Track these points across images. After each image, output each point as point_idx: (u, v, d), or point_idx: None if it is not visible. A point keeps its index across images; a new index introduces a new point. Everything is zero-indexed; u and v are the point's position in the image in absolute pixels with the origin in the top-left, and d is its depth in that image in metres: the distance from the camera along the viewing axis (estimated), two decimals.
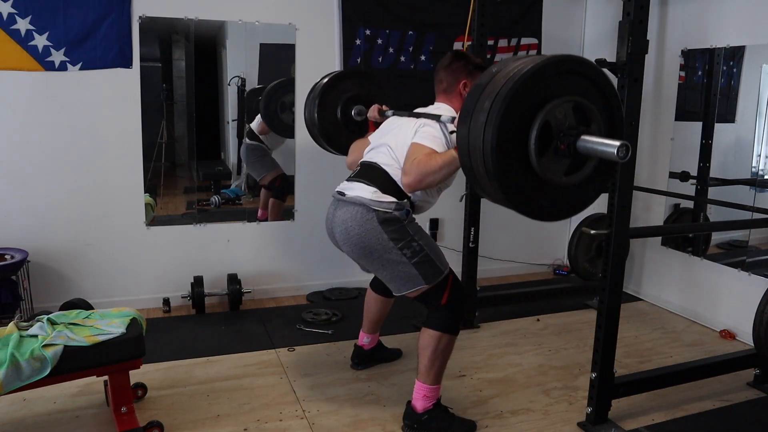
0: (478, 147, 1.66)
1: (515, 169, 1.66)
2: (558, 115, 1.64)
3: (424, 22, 4.10)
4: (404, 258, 2.31)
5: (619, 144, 1.57)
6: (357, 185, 2.39)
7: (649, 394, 2.73)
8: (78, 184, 3.53)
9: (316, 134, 3.10)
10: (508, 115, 1.59)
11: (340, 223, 2.37)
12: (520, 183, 1.68)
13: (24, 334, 2.17)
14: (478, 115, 1.65)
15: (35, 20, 3.26)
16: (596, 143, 1.63)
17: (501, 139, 1.60)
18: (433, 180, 2.22)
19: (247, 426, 2.48)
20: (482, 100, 1.65)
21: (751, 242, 3.69)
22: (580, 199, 1.81)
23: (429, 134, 2.29)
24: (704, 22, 3.63)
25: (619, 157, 1.58)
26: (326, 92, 3.01)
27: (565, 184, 1.72)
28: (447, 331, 2.36)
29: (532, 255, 4.75)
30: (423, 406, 2.41)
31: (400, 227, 2.32)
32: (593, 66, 1.72)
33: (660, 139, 3.98)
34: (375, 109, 2.81)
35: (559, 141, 1.65)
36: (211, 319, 3.66)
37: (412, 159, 2.24)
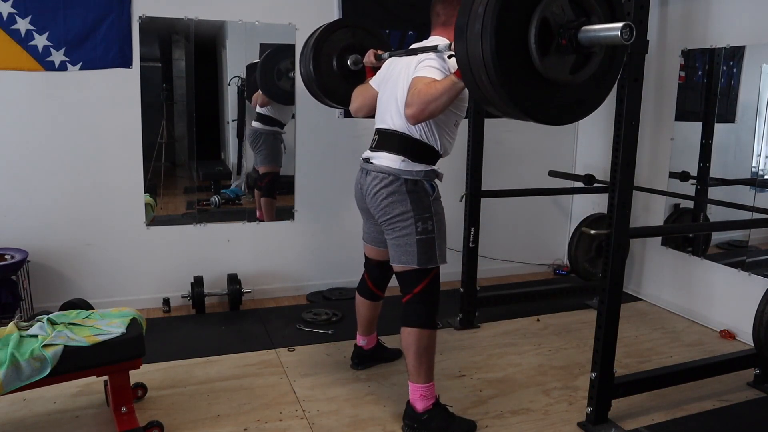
0: (478, 58, 1.61)
1: (519, 74, 1.61)
2: (555, 9, 1.59)
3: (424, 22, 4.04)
4: (413, 230, 2.35)
5: (622, 25, 1.53)
6: (383, 155, 2.41)
7: (649, 394, 2.73)
8: (78, 184, 3.53)
9: (315, 90, 3.03)
10: (503, 17, 1.55)
11: (371, 188, 2.43)
12: (526, 87, 1.63)
13: (24, 334, 2.17)
14: (474, 25, 1.60)
15: (35, 20, 3.26)
16: (598, 30, 1.58)
17: (500, 44, 1.56)
18: (435, 107, 2.16)
19: (247, 426, 2.48)
20: (474, 8, 1.60)
21: (751, 242, 3.69)
22: (591, 97, 1.77)
23: (428, 65, 2.27)
24: (704, 22, 3.63)
25: (623, 39, 1.53)
26: (319, 45, 2.93)
27: (573, 82, 1.67)
28: (425, 326, 2.38)
29: (532, 255, 4.75)
30: (423, 405, 2.41)
31: (426, 199, 2.37)
32: None
33: (660, 139, 3.98)
34: (371, 54, 2.75)
35: (560, 36, 1.61)
36: (211, 319, 3.66)
37: (413, 90, 2.21)
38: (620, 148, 2.29)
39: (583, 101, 1.77)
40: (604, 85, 1.78)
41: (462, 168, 3.50)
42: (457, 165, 3.45)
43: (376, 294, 2.86)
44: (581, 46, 1.62)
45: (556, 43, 1.61)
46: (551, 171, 4.24)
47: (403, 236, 2.38)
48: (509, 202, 4.32)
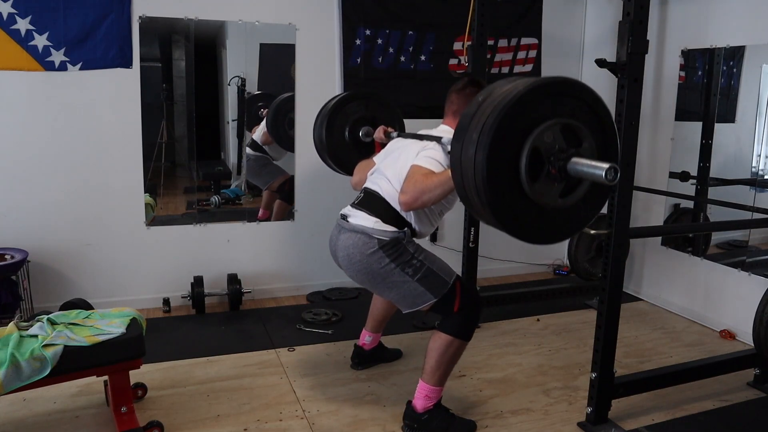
0: (470, 175, 1.67)
1: (508, 196, 1.67)
2: (546, 139, 1.64)
3: (424, 22, 4.10)
4: (407, 277, 2.34)
5: (608, 167, 1.58)
6: (360, 214, 2.44)
7: (649, 394, 2.73)
8: (78, 184, 3.53)
9: (325, 156, 3.18)
10: (496, 147, 1.60)
11: (342, 249, 2.43)
12: (513, 209, 1.70)
13: (24, 334, 2.17)
14: (468, 148, 1.66)
15: (35, 20, 3.26)
16: (585, 165, 1.63)
17: (491, 171, 1.61)
18: (429, 198, 2.25)
19: (247, 426, 2.48)
20: (470, 131, 1.66)
21: (751, 242, 3.69)
22: (575, 221, 1.82)
23: (429, 156, 2.33)
24: (704, 22, 3.63)
25: (607, 180, 1.59)
26: (334, 115, 3.09)
27: (560, 206, 1.73)
28: (459, 337, 2.37)
29: (532, 255, 4.75)
30: (423, 405, 2.41)
31: (400, 248, 2.36)
32: (578, 85, 1.72)
33: (660, 139, 3.98)
34: (381, 131, 2.87)
35: (549, 165, 1.66)
36: (211, 319, 3.66)
37: (410, 178, 2.29)
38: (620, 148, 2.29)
39: (569, 224, 1.81)
40: (592, 207, 1.82)
41: None
42: None
43: None
44: (569, 176, 1.68)
45: (546, 170, 1.66)
46: None
47: (402, 289, 2.37)
48: None
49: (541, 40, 4.46)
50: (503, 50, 4.37)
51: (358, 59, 3.97)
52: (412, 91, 4.16)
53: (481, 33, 3.32)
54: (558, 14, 4.50)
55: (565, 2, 4.55)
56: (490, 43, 3.94)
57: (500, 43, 4.34)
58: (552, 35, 4.48)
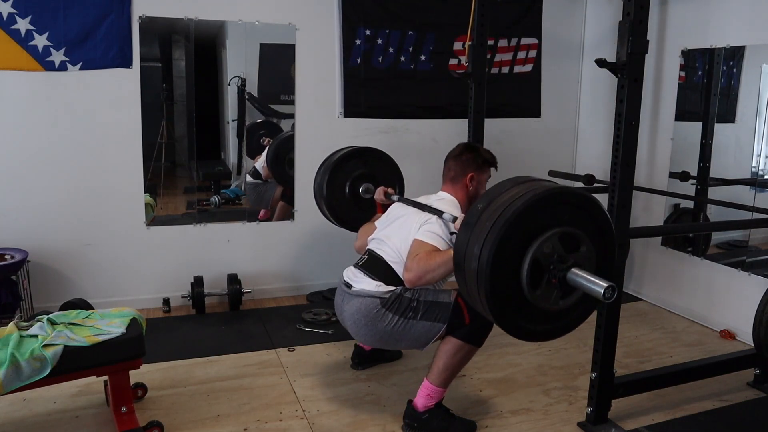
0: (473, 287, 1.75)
1: (510, 304, 1.75)
2: (545, 249, 1.71)
3: (424, 22, 4.10)
4: (411, 321, 2.38)
5: (606, 286, 1.65)
6: (364, 279, 2.48)
7: (649, 394, 2.73)
8: (78, 184, 3.53)
9: (323, 206, 3.27)
10: (498, 263, 1.68)
11: (349, 317, 2.48)
12: (512, 311, 1.76)
13: (24, 334, 2.17)
14: (471, 261, 1.73)
15: (35, 20, 3.26)
16: (585, 280, 1.70)
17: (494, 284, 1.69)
18: (432, 277, 2.30)
19: (247, 426, 2.48)
20: (471, 244, 1.74)
21: (751, 242, 3.69)
22: (570, 321, 1.89)
23: (431, 231, 2.37)
24: (704, 22, 3.63)
25: (605, 299, 1.66)
26: (337, 168, 3.18)
27: (558, 308, 1.79)
28: (471, 342, 2.38)
29: None
30: (424, 404, 2.41)
31: (399, 299, 2.39)
32: (573, 193, 1.80)
33: (660, 139, 3.98)
34: (381, 192, 2.92)
35: (550, 275, 1.73)
36: (211, 319, 3.66)
37: (413, 255, 2.33)
38: (620, 148, 2.29)
39: (564, 324, 1.89)
40: (582, 312, 1.89)
41: None
42: None
43: None
44: (568, 285, 1.75)
45: (546, 279, 1.74)
46: (551, 171, 4.24)
47: (410, 333, 2.39)
48: None
49: (541, 40, 4.46)
50: (503, 50, 4.37)
51: (358, 59, 3.97)
52: (412, 91, 4.16)
53: (481, 33, 3.32)
54: (558, 14, 4.50)
55: (565, 2, 4.55)
56: (490, 43, 3.94)
57: (500, 43, 4.34)
58: (552, 35, 4.48)
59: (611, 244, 1.85)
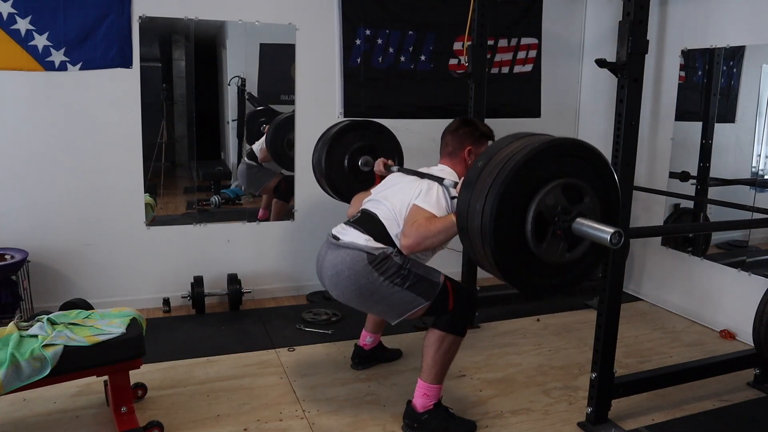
0: (478, 244, 1.71)
1: (516, 258, 1.72)
2: (549, 202, 1.68)
3: (424, 22, 4.10)
4: (395, 287, 2.33)
5: (612, 231, 1.61)
6: (352, 232, 2.43)
7: (649, 394, 2.73)
8: (78, 184, 3.53)
9: (322, 180, 3.21)
10: (501, 217, 1.65)
11: (329, 267, 2.41)
12: (519, 266, 1.74)
13: (24, 334, 2.17)
14: (474, 218, 1.70)
15: (35, 20, 3.26)
16: (590, 228, 1.67)
17: (498, 239, 1.66)
18: (431, 243, 2.27)
19: (247, 426, 2.48)
20: (474, 202, 1.71)
21: (751, 242, 3.69)
22: (578, 274, 1.86)
23: (431, 197, 2.34)
24: (704, 22, 3.63)
25: (612, 244, 1.62)
26: (335, 141, 3.13)
27: (566, 261, 1.77)
28: (453, 332, 2.37)
29: None
30: (423, 405, 2.41)
31: (388, 261, 2.35)
32: (573, 144, 1.77)
33: (660, 139, 3.98)
34: (381, 163, 2.88)
35: (554, 227, 1.71)
36: (211, 319, 3.66)
37: (412, 221, 2.30)
38: (620, 148, 2.29)
39: (571, 277, 1.86)
40: (590, 264, 1.86)
41: None
42: None
43: None
44: (573, 236, 1.72)
45: (551, 231, 1.71)
46: None
47: (391, 299, 2.35)
48: None
49: (541, 40, 4.46)
50: (503, 50, 4.37)
51: (358, 59, 3.97)
52: (412, 91, 4.16)
53: (481, 33, 3.32)
54: (558, 14, 4.50)
55: (565, 2, 4.55)
56: (490, 43, 3.94)
57: (500, 43, 4.34)
58: (552, 35, 4.48)
59: (615, 194, 1.81)
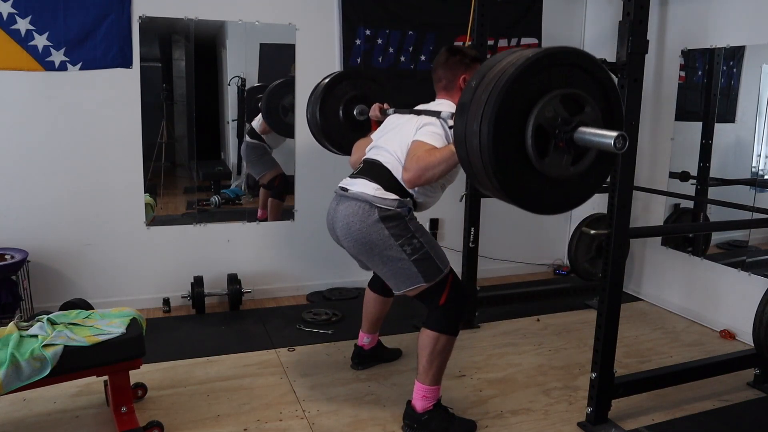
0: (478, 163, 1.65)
1: (519, 175, 1.65)
2: (547, 114, 1.62)
3: (424, 22, 4.10)
4: (404, 255, 2.31)
5: (616, 135, 1.55)
6: (360, 181, 2.40)
7: (649, 394, 2.73)
8: (78, 184, 3.53)
9: (319, 134, 3.13)
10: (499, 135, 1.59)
11: (341, 218, 2.39)
12: (525, 186, 1.68)
13: (24, 334, 2.17)
14: (472, 139, 1.65)
15: (35, 20, 3.26)
16: (593, 135, 1.61)
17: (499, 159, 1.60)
18: (432, 175, 2.23)
19: (247, 426, 2.48)
20: (470, 122, 1.65)
21: (751, 242, 3.69)
22: (584, 189, 1.80)
23: (429, 131, 2.31)
24: (704, 22, 3.63)
25: (616, 149, 1.56)
26: (327, 93, 3.04)
27: (568, 175, 1.70)
28: (445, 332, 2.36)
29: (532, 255, 4.75)
30: (423, 406, 2.41)
31: (401, 223, 2.32)
32: (567, 52, 1.69)
33: (660, 139, 3.98)
34: (376, 108, 2.83)
35: (556, 139, 1.65)
36: (211, 319, 3.66)
37: (412, 155, 2.27)
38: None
39: (577, 192, 1.80)
40: (600, 172, 1.81)
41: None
42: None
43: (389, 290, 2.83)
44: (577, 146, 1.66)
45: (553, 144, 1.65)
46: None
47: (396, 265, 2.33)
48: None
49: (541, 40, 4.45)
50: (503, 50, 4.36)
51: (358, 59, 3.97)
52: (412, 91, 4.13)
53: (481, 33, 3.32)
54: (558, 14, 4.50)
55: (565, 2, 4.55)
56: (490, 43, 3.93)
57: (500, 43, 4.34)
58: (552, 35, 4.47)
59: (616, 101, 1.76)
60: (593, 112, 1.67)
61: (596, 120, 1.67)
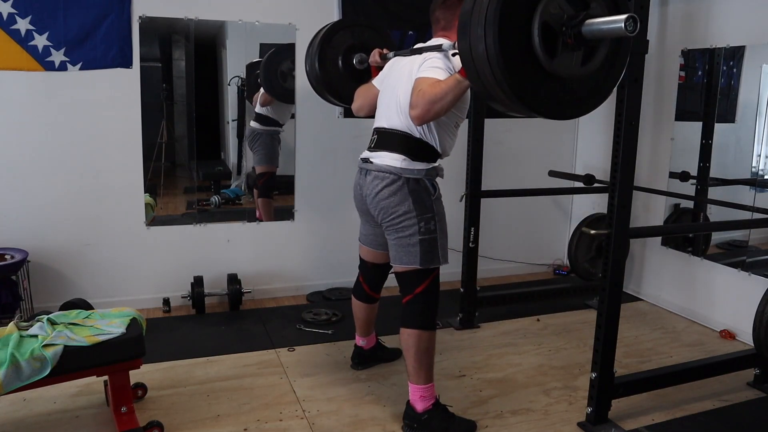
0: (486, 71, 1.60)
1: (530, 79, 1.61)
2: (552, 10, 1.58)
3: (424, 22, 4.05)
4: (416, 230, 2.34)
5: (626, 17, 1.52)
6: (384, 154, 2.38)
7: (649, 394, 2.73)
8: (78, 184, 3.53)
9: (319, 87, 3.07)
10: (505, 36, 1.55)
11: (372, 188, 2.40)
12: (532, 84, 1.62)
13: (24, 334, 2.17)
14: (477, 45, 1.59)
15: (35, 20, 3.26)
16: (601, 23, 1.57)
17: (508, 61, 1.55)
18: (440, 107, 2.15)
19: (247, 426, 2.48)
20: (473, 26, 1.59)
21: (751, 242, 3.69)
22: (599, 89, 1.76)
23: (432, 65, 2.25)
24: (704, 22, 3.63)
25: (628, 31, 1.52)
26: (325, 44, 2.96)
27: (583, 74, 1.66)
28: (425, 327, 2.38)
29: (532, 255, 4.75)
30: (422, 406, 2.41)
31: (428, 199, 2.35)
32: None
33: (660, 139, 3.98)
34: (376, 54, 2.76)
35: (564, 36, 1.60)
36: (211, 319, 3.66)
37: (417, 91, 2.20)
38: (620, 148, 2.29)
39: (594, 91, 1.75)
40: (612, 75, 1.76)
41: (462, 168, 3.51)
42: (457, 165, 3.45)
43: (372, 296, 2.86)
44: (587, 41, 1.61)
45: (561, 42, 1.60)
46: (551, 171, 4.24)
47: (405, 236, 2.36)
48: (509, 202, 4.32)
49: None
50: None
51: None
52: None
53: None
54: None
55: None
56: None
57: None
58: None
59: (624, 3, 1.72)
60: (599, 8, 1.63)
61: (603, 14, 1.63)
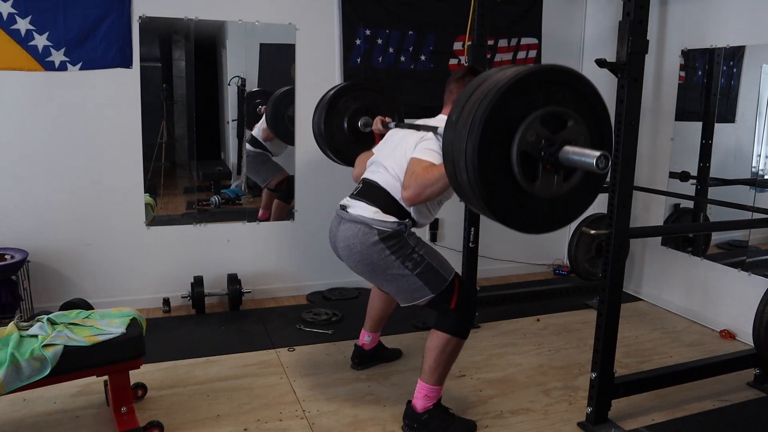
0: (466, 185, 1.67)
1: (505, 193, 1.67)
2: (530, 138, 1.62)
3: (424, 22, 4.10)
4: (407, 270, 2.34)
5: (598, 155, 1.55)
6: (359, 204, 2.43)
7: (649, 394, 2.73)
8: (78, 184, 3.53)
9: (324, 148, 3.19)
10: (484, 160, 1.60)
11: (342, 239, 2.42)
12: (512, 203, 1.68)
13: (24, 334, 2.17)
14: (461, 174, 1.65)
15: (35, 20, 3.26)
16: (576, 154, 1.61)
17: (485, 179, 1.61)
18: (432, 192, 2.26)
19: (247, 426, 2.48)
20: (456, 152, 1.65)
21: (751, 242, 3.69)
22: (574, 207, 1.81)
23: (427, 148, 2.33)
24: (704, 22, 3.63)
25: (598, 168, 1.56)
26: (333, 105, 3.09)
27: (563, 191, 1.71)
28: (456, 335, 2.38)
29: (532, 255, 4.75)
30: (423, 405, 2.41)
31: (401, 240, 2.35)
32: (542, 71, 1.68)
33: (660, 139, 3.98)
34: (378, 122, 2.88)
35: (543, 162, 1.65)
36: (211, 319, 3.66)
37: (410, 172, 2.29)
38: (620, 148, 2.29)
39: (569, 208, 1.80)
40: (589, 192, 1.81)
41: None
42: None
43: None
44: (564, 166, 1.66)
45: (541, 168, 1.65)
46: None
47: (402, 282, 2.36)
48: None
49: (541, 40, 4.46)
50: (503, 50, 4.36)
51: (358, 59, 3.97)
52: (412, 91, 4.16)
53: (481, 33, 3.32)
54: (558, 14, 4.50)
55: (565, 2, 4.55)
56: (490, 43, 3.94)
57: (500, 43, 4.34)
58: (552, 35, 4.47)
59: (602, 110, 1.74)
60: (577, 127, 1.66)
61: (581, 133, 1.66)
